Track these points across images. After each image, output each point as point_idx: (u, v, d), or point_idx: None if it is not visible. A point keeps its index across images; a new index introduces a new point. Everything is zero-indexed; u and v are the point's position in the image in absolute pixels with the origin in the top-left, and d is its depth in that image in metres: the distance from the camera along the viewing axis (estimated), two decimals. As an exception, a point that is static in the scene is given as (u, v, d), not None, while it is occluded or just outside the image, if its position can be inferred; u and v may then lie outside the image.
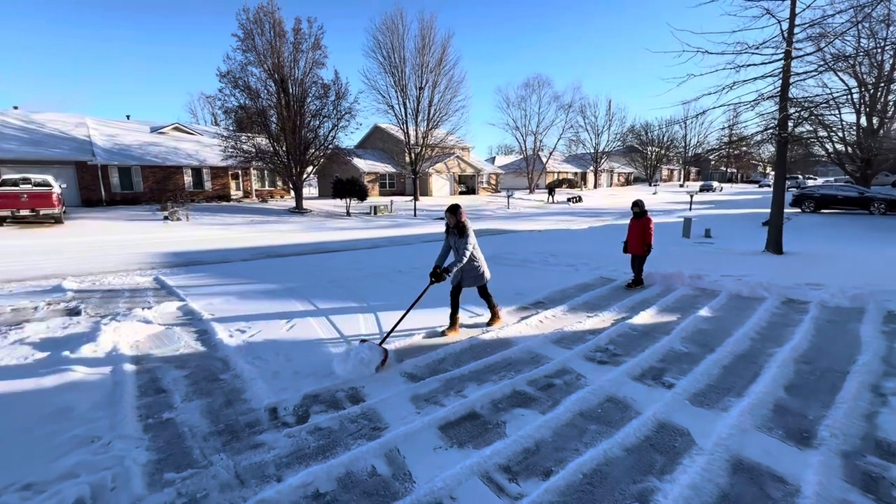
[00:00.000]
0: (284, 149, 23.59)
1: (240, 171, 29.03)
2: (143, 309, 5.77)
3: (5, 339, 4.65)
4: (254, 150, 23.32)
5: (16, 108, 28.46)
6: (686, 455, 2.65)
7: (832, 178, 42.02)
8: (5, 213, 15.07)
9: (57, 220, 16.35)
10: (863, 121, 21.61)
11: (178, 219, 19.57)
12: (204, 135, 31.94)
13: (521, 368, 3.97)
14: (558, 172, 53.19)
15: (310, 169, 25.62)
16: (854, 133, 22.03)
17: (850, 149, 22.43)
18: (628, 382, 3.64)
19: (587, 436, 2.90)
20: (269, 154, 23.64)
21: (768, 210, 11.31)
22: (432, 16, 33.34)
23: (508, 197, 33.27)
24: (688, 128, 59.62)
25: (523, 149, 47.90)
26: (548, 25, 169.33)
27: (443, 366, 4.08)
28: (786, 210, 11.12)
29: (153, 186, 25.48)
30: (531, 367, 3.99)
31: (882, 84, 19.57)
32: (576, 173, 55.21)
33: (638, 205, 7.05)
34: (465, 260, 4.66)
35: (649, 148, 59.67)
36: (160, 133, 30.03)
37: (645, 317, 5.36)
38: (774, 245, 10.02)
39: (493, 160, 61.75)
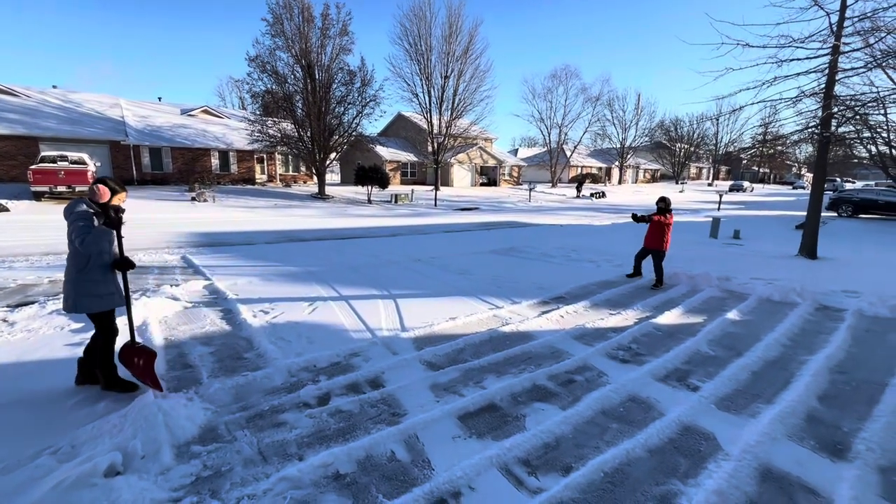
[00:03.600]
0: (309, 134, 23.78)
1: (265, 156, 29.46)
2: (171, 286, 5.94)
3: (43, 309, 4.85)
4: (279, 135, 23.59)
5: (55, 87, 29.46)
6: (712, 460, 2.58)
7: (873, 182, 40.05)
8: (44, 188, 15.68)
9: (91, 198, 16.91)
10: (911, 122, 20.44)
11: (205, 200, 20.03)
12: (231, 118, 32.49)
13: (542, 363, 3.93)
14: (582, 167, 52.20)
15: (333, 155, 25.79)
16: (900, 135, 20.86)
17: (894, 151, 21.28)
18: (652, 383, 3.56)
19: (609, 434, 2.86)
20: (293, 139, 23.88)
21: (802, 213, 10.87)
22: (461, 3, 32.69)
23: (530, 190, 32.87)
24: (720, 125, 57.62)
25: (547, 141, 47.11)
26: (578, 10, 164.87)
27: (462, 356, 4.07)
28: (822, 214, 10.65)
29: (182, 168, 26.12)
30: (551, 361, 3.95)
31: (935, 83, 18.40)
32: (600, 168, 54.10)
33: (664, 201, 6.86)
34: None
35: (678, 144, 57.90)
36: (190, 115, 30.68)
37: (670, 317, 5.23)
38: (809, 249, 9.62)
39: (515, 152, 60.99)
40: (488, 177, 41.75)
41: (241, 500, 2.19)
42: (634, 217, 7.20)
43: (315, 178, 26.74)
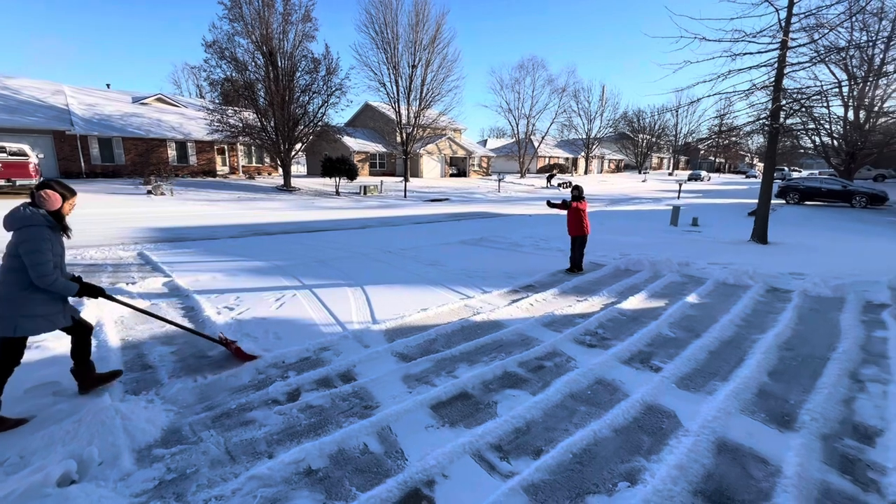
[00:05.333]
0: (272, 124, 23.00)
1: (226, 147, 28.29)
2: (127, 284, 5.65)
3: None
4: (241, 125, 22.68)
5: (-13, 72, 27.10)
6: (673, 436, 2.71)
7: (816, 171, 42.73)
8: (-21, 182, 14.49)
9: (34, 192, 15.76)
10: (850, 115, 21.90)
11: (162, 193, 19.09)
12: (188, 107, 30.98)
13: (512, 350, 4.00)
14: (549, 157, 53.05)
15: (298, 146, 25.08)
16: (841, 126, 22.32)
17: (836, 142, 22.77)
18: (617, 366, 3.70)
19: (577, 417, 2.95)
20: (256, 129, 23.04)
21: (754, 200, 11.48)
22: (427, -9, 32.28)
23: (500, 180, 33.15)
24: (679, 116, 59.80)
25: (515, 132, 47.54)
26: (544, 4, 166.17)
27: (434, 346, 4.09)
28: (772, 201, 11.29)
29: (135, 159, 24.74)
30: (522, 349, 4.02)
31: (871, 78, 19.75)
32: (567, 158, 55.14)
33: (578, 189, 7.05)
34: None
35: (640, 135, 59.74)
36: (142, 104, 29.02)
37: (634, 302, 5.42)
38: (760, 235, 10.19)
39: (484, 143, 61.29)
40: (458, 167, 41.77)
41: (209, 501, 2.13)
42: (549, 203, 7.40)
43: (280, 169, 25.98)
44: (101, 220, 12.00)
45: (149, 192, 19.02)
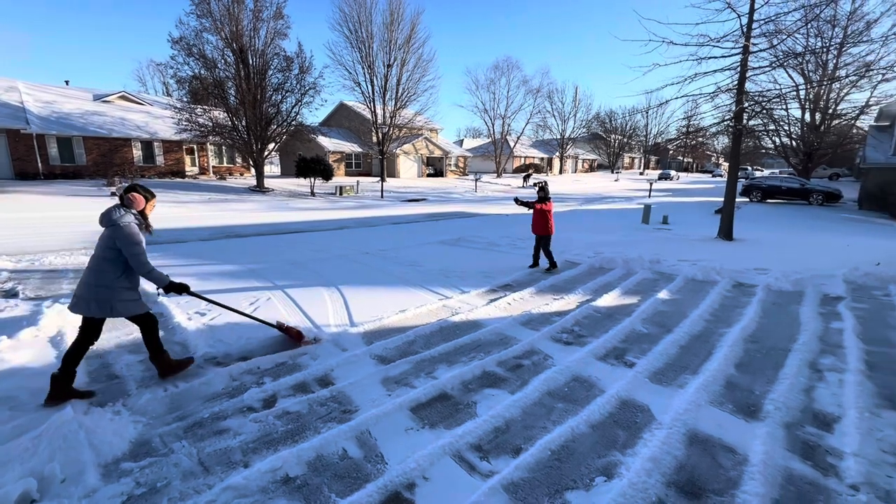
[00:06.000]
0: (244, 123, 22.42)
1: (195, 146, 27.39)
2: (90, 291, 5.40)
3: (-70, 324, 4.23)
4: (210, 124, 22.00)
5: (-69, 66, 25.41)
6: (647, 430, 2.79)
7: (777, 171, 44.78)
8: (-77, 184, 13.57)
9: (-14, 194, 14.88)
10: (807, 117, 23.04)
11: (127, 195, 18.33)
12: (154, 105, 29.84)
13: (491, 350, 4.03)
14: (525, 157, 53.68)
15: (271, 146, 24.55)
16: (799, 128, 23.46)
17: (794, 142, 23.93)
18: (593, 362, 3.78)
19: (555, 414, 3.00)
20: (227, 129, 22.40)
21: (720, 199, 11.93)
22: (401, -10, 32.12)
23: (476, 180, 33.32)
24: (649, 117, 61.58)
25: (491, 132, 47.88)
26: (517, 5, 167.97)
27: (413, 348, 4.08)
28: (736, 199, 11.75)
29: (98, 160, 23.66)
30: (500, 348, 4.06)
31: (826, 82, 20.84)
32: (542, 158, 55.91)
33: (543, 189, 7.21)
34: None
35: (612, 136, 61.19)
36: (104, 102, 27.76)
37: (608, 299, 5.55)
38: (726, 232, 10.60)
39: (461, 143, 61.50)
40: (435, 167, 41.76)
41: (181, 515, 2.07)
42: (517, 201, 7.55)
43: (253, 170, 25.37)
44: (60, 224, 11.43)
45: (112, 194, 18.24)
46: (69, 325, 4.28)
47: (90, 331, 3.11)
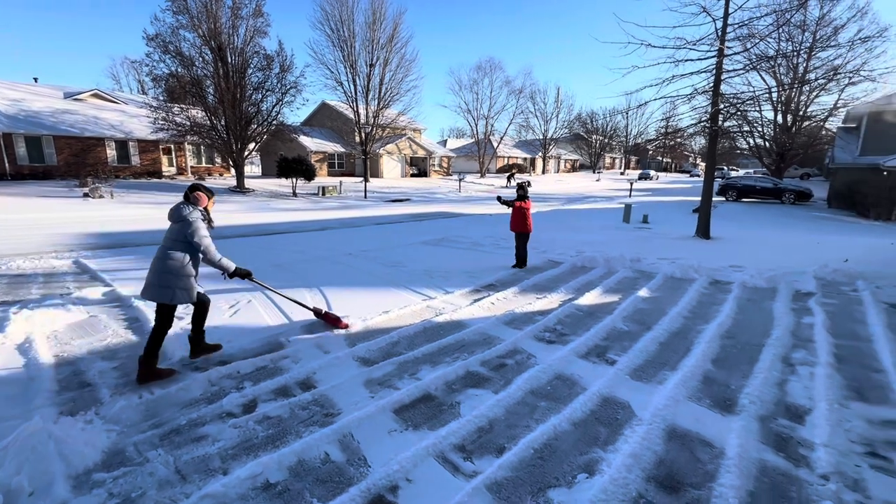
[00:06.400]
0: (223, 123, 21.97)
1: (172, 146, 26.73)
2: (61, 295, 5.22)
3: None
4: (188, 123, 21.48)
5: None
6: (627, 426, 2.83)
7: (751, 171, 46.04)
8: None
9: (-52, 196, 14.24)
10: (779, 118, 23.80)
11: (101, 196, 17.79)
12: (129, 104, 29.02)
13: (474, 350, 4.04)
14: (509, 157, 54.01)
15: (252, 146, 24.11)
16: (772, 129, 24.22)
17: (767, 143, 24.69)
18: (575, 360, 3.82)
19: (538, 412, 3.02)
20: (205, 128, 21.91)
21: (698, 198, 12.21)
22: (383, -11, 31.93)
23: (460, 180, 33.37)
24: (629, 118, 62.68)
25: (475, 132, 48.03)
26: (500, 6, 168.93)
27: (397, 349, 4.06)
28: (713, 199, 12.06)
29: (69, 160, 22.87)
30: (484, 348, 4.07)
31: (796, 85, 21.57)
32: (525, 158, 56.35)
33: (523, 188, 7.33)
34: None
35: (594, 136, 62.07)
36: (76, 100, 26.87)
37: (590, 298, 5.62)
38: (703, 230, 10.86)
39: (444, 143, 61.47)
40: (418, 167, 41.67)
41: (157, 525, 2.01)
42: (499, 199, 7.71)
43: (232, 170, 24.88)
44: (30, 226, 11.01)
45: (85, 195, 17.66)
46: (38, 331, 4.13)
47: (163, 317, 3.39)
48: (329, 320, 4.49)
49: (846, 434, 2.74)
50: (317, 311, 4.53)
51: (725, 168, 49.00)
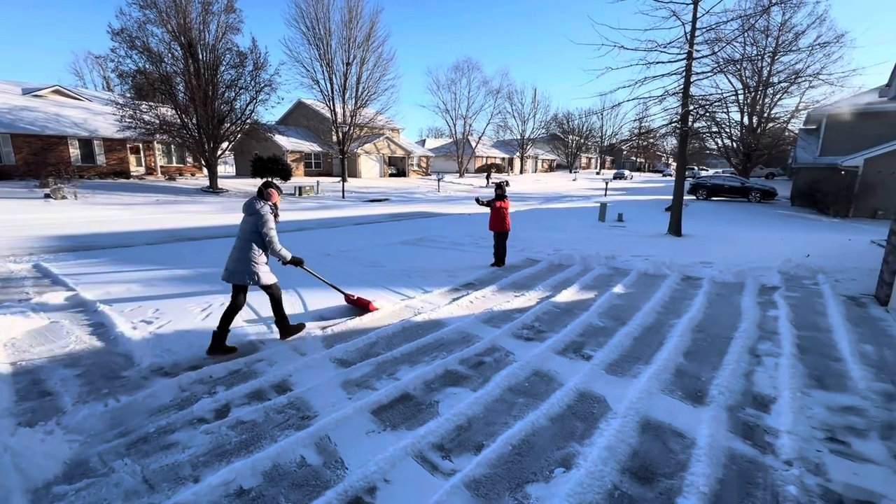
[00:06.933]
0: (195, 121, 21.31)
1: (141, 145, 25.78)
2: (19, 301, 4.96)
3: None
4: (157, 122, 20.74)
5: None
6: (603, 420, 2.89)
7: (720, 170, 47.67)
8: None
9: None
10: (745, 120, 24.71)
11: (64, 197, 17.00)
12: (94, 101, 27.87)
13: (453, 348, 4.04)
14: (487, 157, 54.32)
15: (225, 145, 23.48)
16: (738, 130, 25.13)
17: (735, 144, 25.62)
18: (553, 356, 3.87)
19: (516, 409, 3.04)
20: (176, 126, 21.21)
21: (670, 197, 12.55)
22: (359, -13, 31.60)
23: (439, 180, 33.37)
24: (604, 119, 64.03)
25: (453, 132, 48.12)
26: (477, 5, 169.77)
27: (375, 349, 4.02)
28: (684, 197, 12.42)
29: (29, 159, 21.77)
30: (462, 346, 4.08)
31: (761, 88, 22.45)
32: (503, 158, 56.79)
33: (501, 188, 7.43)
34: None
35: (570, 137, 63.11)
36: (35, 96, 25.60)
37: (567, 295, 5.71)
38: (675, 228, 11.17)
39: (423, 143, 61.38)
40: (397, 167, 41.46)
41: (123, 537, 1.93)
42: (477, 201, 7.81)
43: (205, 170, 24.20)
44: (-16, 229, 10.43)
45: (47, 196, 16.85)
46: (-6, 339, 3.91)
47: (237, 297, 3.90)
48: (360, 305, 4.97)
49: (808, 421, 2.86)
50: (348, 297, 5.05)
51: (696, 168, 50.54)
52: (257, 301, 5.28)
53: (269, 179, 4.05)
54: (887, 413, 2.96)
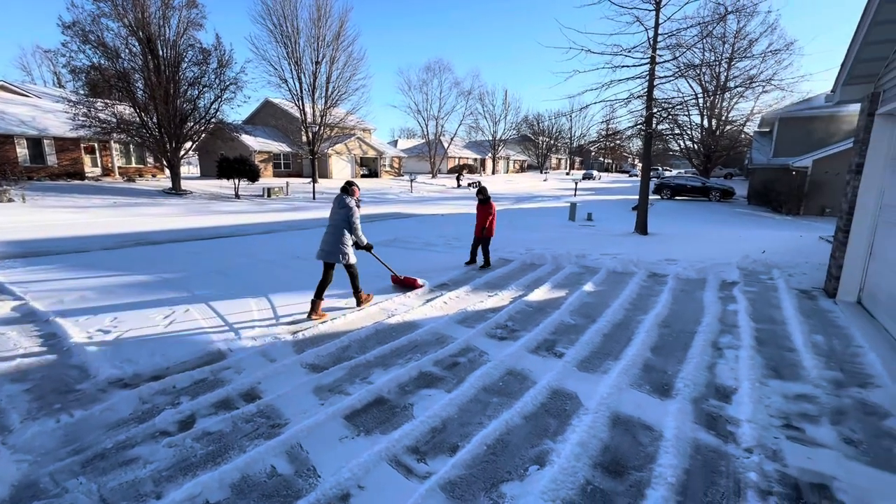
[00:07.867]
0: (155, 120, 20.42)
1: (97, 145, 24.48)
2: (-41, 312, 4.61)
3: None
4: (114, 120, 19.75)
5: None
6: (575, 416, 2.94)
7: (683, 171, 49.61)
8: None
9: None
10: (705, 122, 25.84)
11: (11, 200, 15.95)
12: (43, 97, 26.30)
13: (427, 350, 4.02)
14: (459, 158, 54.55)
15: (188, 145, 22.63)
16: (699, 132, 26.25)
17: (696, 145, 26.75)
18: (526, 355, 3.91)
19: (490, 409, 3.06)
20: (134, 125, 20.26)
21: (636, 196, 12.96)
22: (327, -15, 31.11)
23: (411, 181, 33.27)
24: (573, 120, 65.46)
25: (425, 133, 48.11)
26: (446, 5, 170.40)
27: (348, 353, 3.96)
28: (650, 197, 12.85)
29: (-31, 159, 20.30)
30: (437, 347, 4.07)
31: (719, 92, 23.54)
32: (475, 159, 57.18)
33: (483, 192, 7.50)
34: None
35: (541, 138, 64.21)
36: (-24, 92, 23.91)
37: (539, 293, 5.79)
38: (642, 227, 11.54)
39: (395, 143, 61.05)
40: (369, 168, 41.06)
41: (78, 562, 1.82)
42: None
43: (167, 170, 23.21)
44: (-81, 235, 9.63)
45: (-9, 199, 15.76)
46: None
47: (328, 273, 4.89)
48: (407, 284, 5.92)
49: (766, 409, 3.01)
50: (395, 278, 6.03)
51: (660, 168, 52.39)
52: (224, 308, 5.11)
53: (351, 179, 4.81)
54: (836, 399, 3.15)
